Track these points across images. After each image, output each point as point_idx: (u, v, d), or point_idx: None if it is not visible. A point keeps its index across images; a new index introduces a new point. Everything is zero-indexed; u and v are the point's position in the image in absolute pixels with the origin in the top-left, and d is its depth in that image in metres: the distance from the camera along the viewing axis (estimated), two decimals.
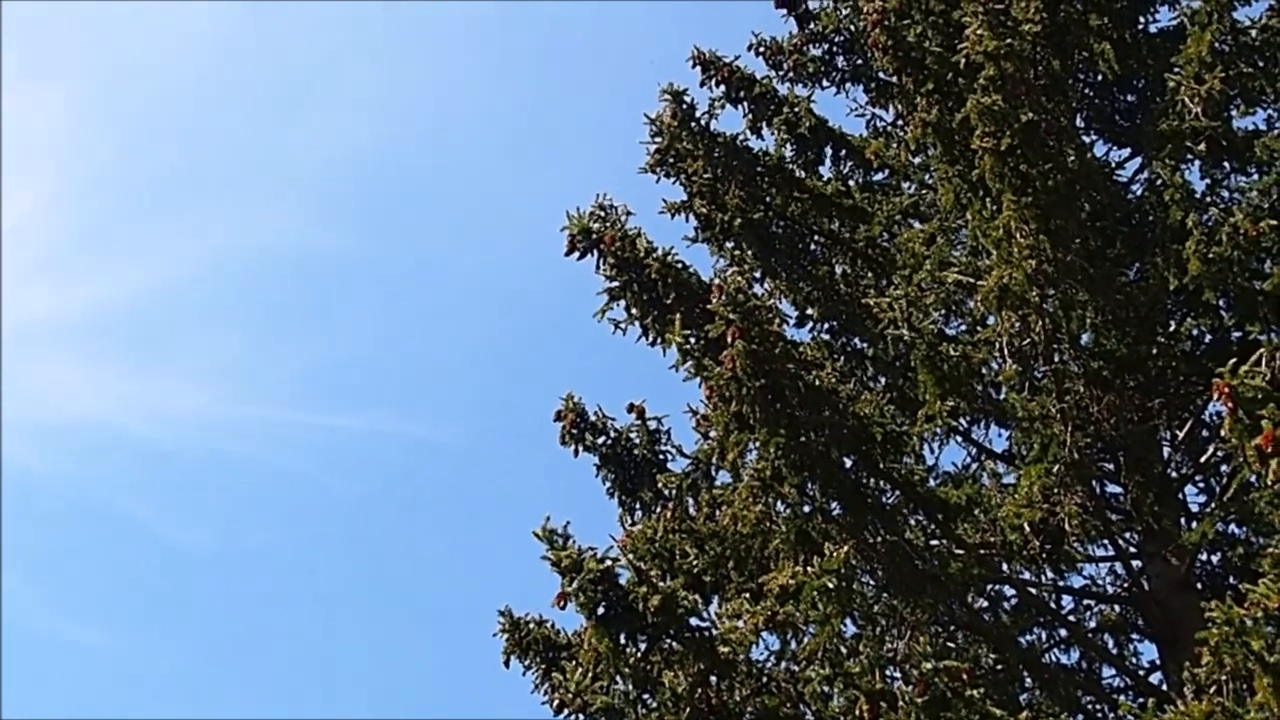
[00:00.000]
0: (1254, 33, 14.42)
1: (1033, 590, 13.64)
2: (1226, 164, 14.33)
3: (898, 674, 12.09)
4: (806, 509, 11.89)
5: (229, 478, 37.60)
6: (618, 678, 10.69)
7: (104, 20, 37.76)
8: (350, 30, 38.97)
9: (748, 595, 11.54)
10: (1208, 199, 14.20)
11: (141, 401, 36.75)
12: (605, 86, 37.62)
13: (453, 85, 38.86)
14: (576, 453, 14.05)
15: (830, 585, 10.71)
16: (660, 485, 13.61)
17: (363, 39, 39.01)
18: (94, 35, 38.59)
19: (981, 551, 12.84)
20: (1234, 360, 9.13)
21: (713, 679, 10.58)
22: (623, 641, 10.56)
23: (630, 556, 11.81)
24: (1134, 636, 14.43)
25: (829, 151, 16.62)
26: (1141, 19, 15.81)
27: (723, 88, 16.35)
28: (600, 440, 14.05)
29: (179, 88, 39.07)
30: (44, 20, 36.94)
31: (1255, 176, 14.17)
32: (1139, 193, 14.91)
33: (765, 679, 10.79)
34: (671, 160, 15.69)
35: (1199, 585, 13.74)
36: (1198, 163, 14.24)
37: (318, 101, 38.90)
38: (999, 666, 13.18)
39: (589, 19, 37.58)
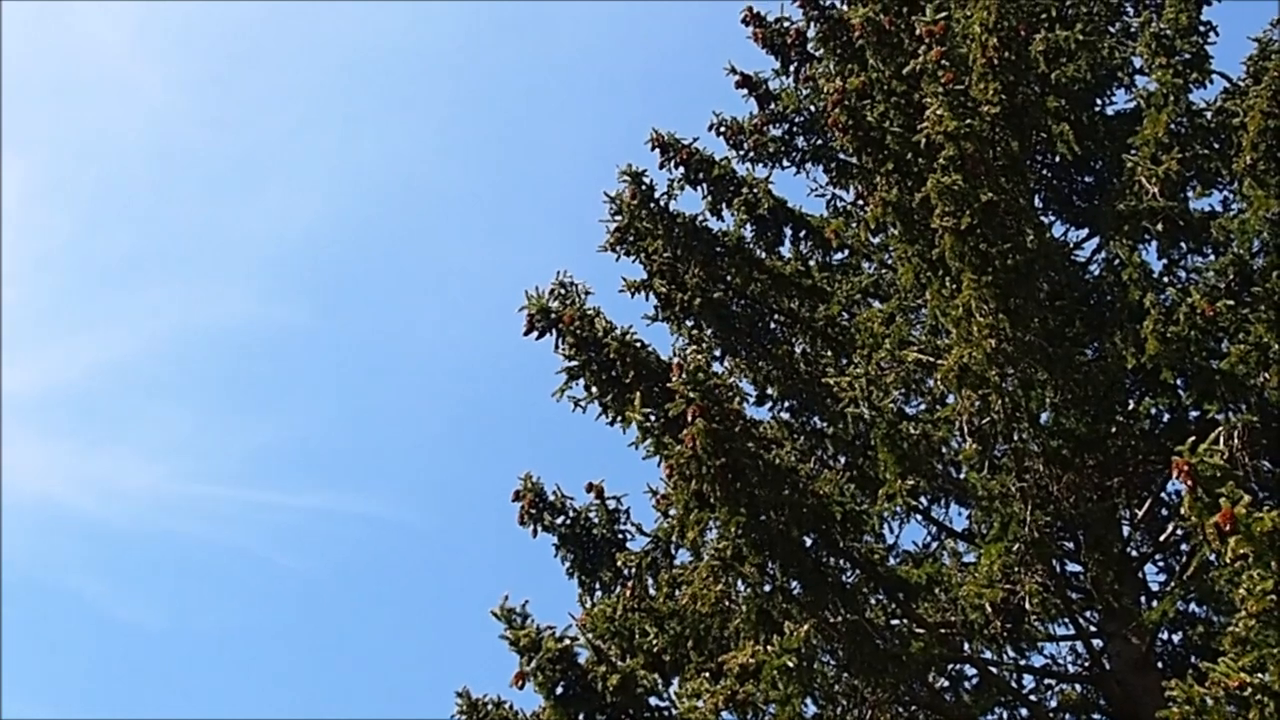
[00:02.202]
0: (1209, 114, 14.60)
1: (994, 670, 13.58)
2: (1183, 244, 14.45)
3: None
4: (767, 588, 11.82)
5: (181, 556, 37.43)
6: None
7: (62, 95, 37.80)
8: (308, 105, 39.11)
9: (708, 674, 11.46)
10: (1165, 279, 14.30)
11: (93, 478, 36.54)
12: (566, 164, 37.83)
13: (412, 163, 39.06)
14: (535, 533, 14.00)
15: (790, 664, 10.66)
16: (620, 564, 13.53)
17: (320, 114, 39.17)
18: (53, 110, 38.64)
19: (942, 631, 12.80)
20: (1193, 439, 9.14)
21: None
22: None
23: (589, 636, 11.76)
24: (1095, 716, 14.37)
25: (789, 231, 16.66)
26: (1099, 101, 15.98)
27: (682, 169, 16.39)
28: (559, 520, 14.00)
29: (136, 163, 39.15)
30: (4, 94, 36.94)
31: (1211, 257, 14.29)
32: (1097, 272, 14.99)
33: None
34: (631, 239, 15.72)
35: (1160, 664, 13.73)
36: (1155, 243, 14.36)
37: (274, 177, 39.09)
38: None
39: (550, 97, 37.82)
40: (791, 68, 17.77)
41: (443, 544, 36.82)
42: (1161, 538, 14.14)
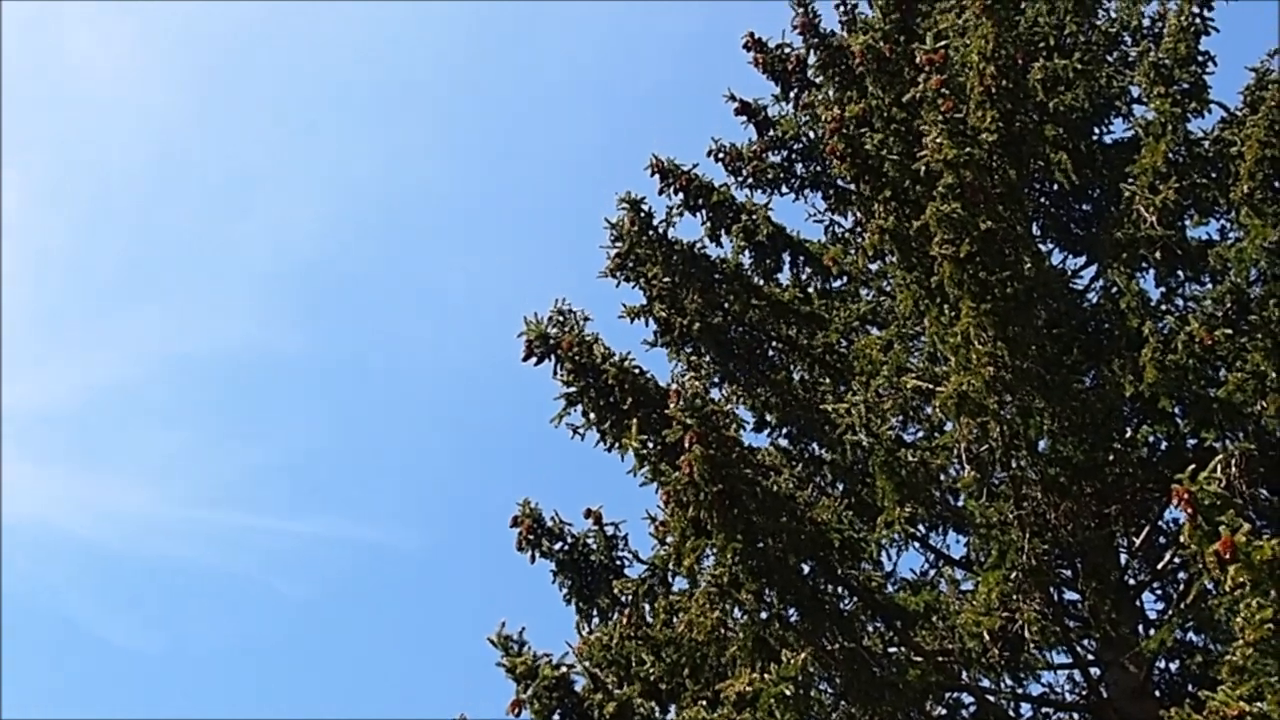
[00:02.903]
0: (1207, 143, 14.63)
1: (991, 698, 13.54)
2: (1181, 272, 14.47)
3: None
4: (764, 615, 11.80)
5: (174, 579, 37.33)
6: None
7: (55, 111, 37.81)
8: (301, 120, 39.14)
9: (704, 702, 11.42)
10: (1163, 307, 14.32)
11: (87, 501, 36.49)
12: (565, 188, 37.88)
13: (407, 184, 39.10)
14: (533, 558, 13.94)
15: (787, 692, 10.61)
16: (617, 591, 13.50)
17: (314, 131, 39.20)
18: (47, 128, 38.64)
19: (940, 658, 12.78)
20: (1192, 467, 9.13)
21: None
22: None
23: (586, 663, 11.73)
24: None
25: (787, 258, 16.68)
26: (1097, 130, 16.02)
27: (681, 195, 16.41)
28: (557, 546, 13.94)
29: (130, 182, 39.14)
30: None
31: (1209, 285, 14.30)
32: (1095, 300, 15.01)
33: None
34: (630, 265, 15.73)
35: (1158, 693, 13.69)
36: (1153, 271, 14.37)
37: (268, 196, 39.07)
38: None
39: (549, 120, 37.87)
40: (791, 94, 17.84)
41: (439, 569, 36.81)
42: (1159, 566, 14.13)
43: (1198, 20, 14.69)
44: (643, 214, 15.77)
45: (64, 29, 37.67)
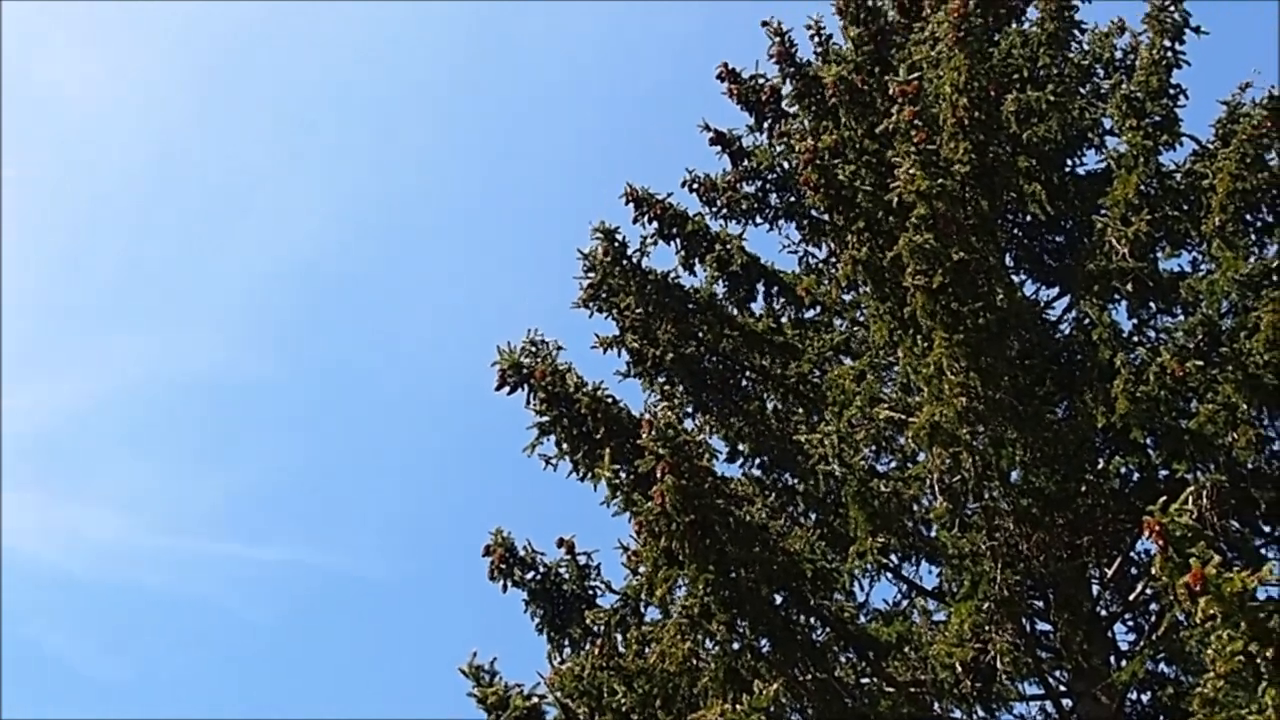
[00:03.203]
0: (1178, 176, 14.70)
1: None
2: (1153, 304, 14.51)
3: None
4: (736, 646, 11.78)
5: (143, 607, 37.11)
6: None
7: (35, 133, 37.73)
8: (281, 146, 39.13)
9: None
10: (1135, 338, 14.36)
11: (56, 528, 36.28)
12: (538, 216, 37.89)
13: (380, 212, 39.11)
14: (505, 588, 13.89)
15: None
16: (589, 621, 13.46)
17: (292, 157, 39.17)
18: (24, 149, 38.53)
19: (912, 689, 12.76)
20: (1163, 498, 9.14)
21: None
22: None
23: (558, 694, 11.70)
24: None
25: (761, 288, 16.68)
26: (1069, 161, 16.07)
27: (655, 224, 16.42)
28: (529, 575, 13.90)
29: (104, 208, 39.03)
30: None
31: (1181, 317, 14.35)
32: (1067, 331, 15.06)
33: None
34: (604, 296, 15.73)
35: None
36: (1125, 302, 14.41)
37: (243, 223, 39.01)
38: None
39: (525, 149, 37.92)
40: (765, 124, 17.86)
41: (410, 598, 36.65)
42: (1131, 597, 14.14)
43: (1169, 54, 14.77)
44: (616, 244, 15.77)
45: (41, 56, 37.56)
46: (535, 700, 10.95)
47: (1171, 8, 14.90)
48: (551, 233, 37.80)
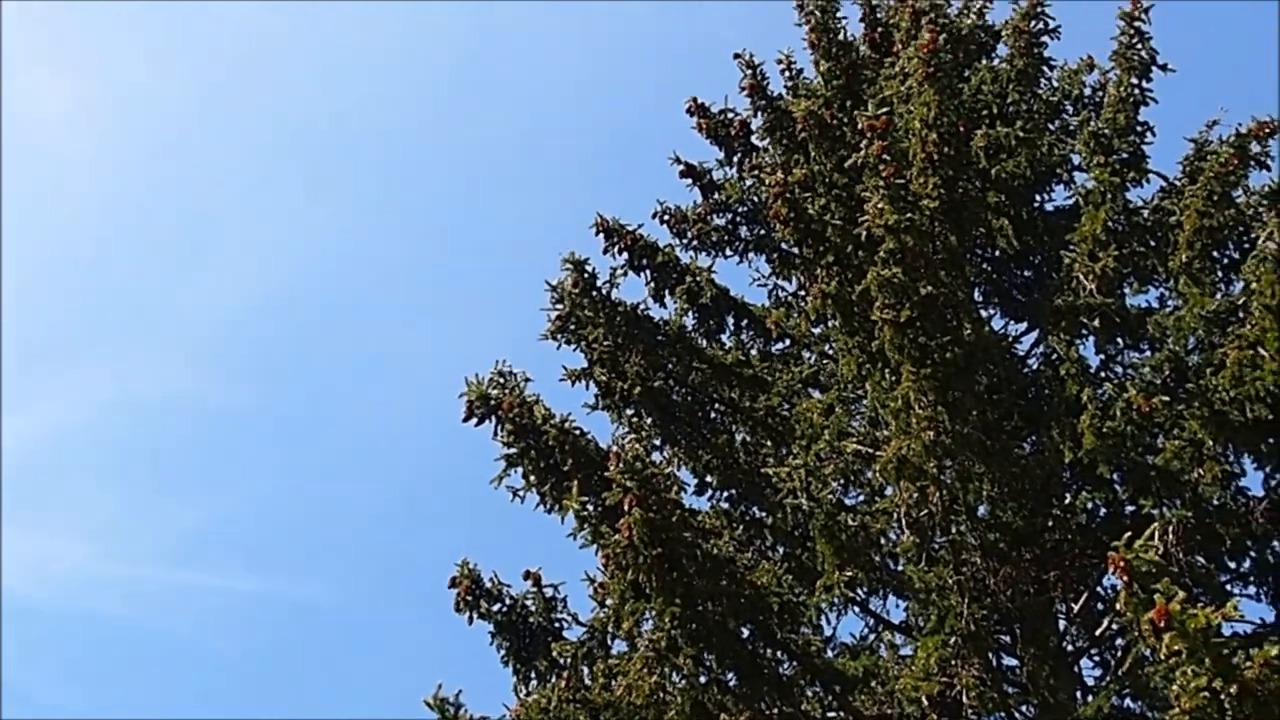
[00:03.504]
0: (1146, 212, 14.77)
1: None
2: (1120, 340, 14.56)
3: None
4: (702, 679, 11.76)
5: (106, 638, 36.83)
6: None
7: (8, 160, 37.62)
8: (249, 180, 39.07)
9: None
10: (1102, 374, 14.40)
11: (18, 558, 35.97)
12: (508, 246, 37.88)
13: (348, 243, 39.04)
14: (471, 620, 13.84)
15: None
16: (555, 653, 13.41)
17: (261, 190, 39.11)
18: None
19: None
20: (1129, 534, 9.17)
21: None
22: None
23: None
24: None
25: (730, 320, 16.70)
26: (1038, 197, 16.12)
27: (625, 255, 16.43)
28: (495, 607, 13.85)
29: (69, 234, 38.90)
30: None
31: (1148, 353, 14.40)
32: (1035, 366, 15.10)
33: None
34: (572, 328, 15.71)
35: None
36: (1092, 338, 14.45)
37: (210, 252, 38.87)
38: None
39: (494, 182, 37.92)
40: (735, 158, 17.89)
41: (375, 630, 36.43)
42: (1097, 632, 14.15)
43: (1137, 91, 14.86)
44: (586, 275, 15.76)
45: (7, 83, 37.47)
46: None
47: (1139, 46, 14.99)
48: (521, 263, 37.80)
